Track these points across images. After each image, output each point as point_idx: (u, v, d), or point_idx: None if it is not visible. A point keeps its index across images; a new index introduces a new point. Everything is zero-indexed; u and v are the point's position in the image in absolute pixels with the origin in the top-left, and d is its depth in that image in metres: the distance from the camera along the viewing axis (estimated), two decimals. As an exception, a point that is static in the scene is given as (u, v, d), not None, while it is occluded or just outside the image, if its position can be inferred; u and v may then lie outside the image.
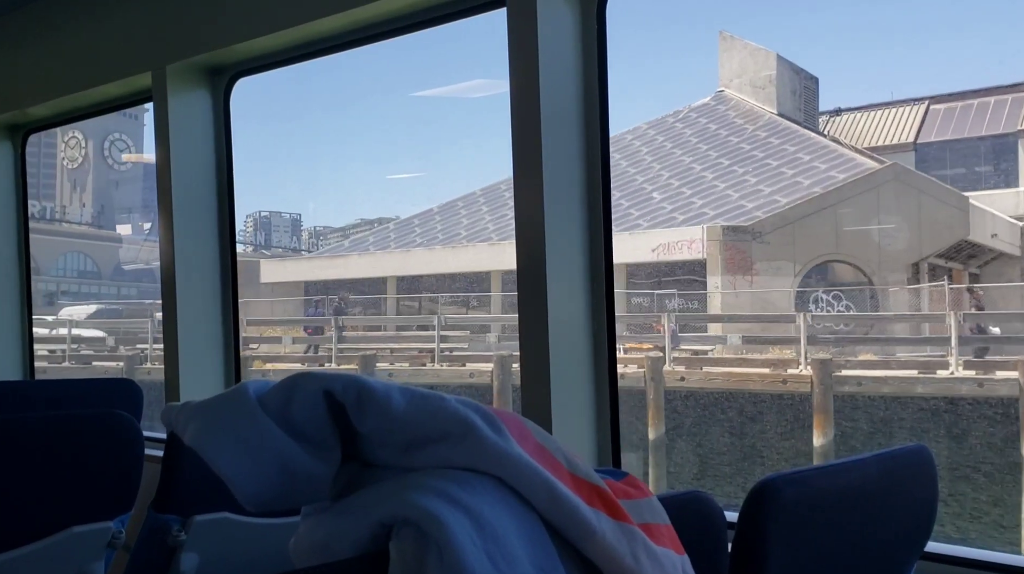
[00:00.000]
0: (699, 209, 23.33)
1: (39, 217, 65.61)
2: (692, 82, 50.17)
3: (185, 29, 3.17)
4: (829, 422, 13.03)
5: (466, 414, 0.97)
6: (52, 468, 2.01)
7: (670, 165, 26.37)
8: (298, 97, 69.32)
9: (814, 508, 1.32)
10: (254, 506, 0.92)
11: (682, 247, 21.39)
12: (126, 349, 20.02)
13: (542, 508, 0.96)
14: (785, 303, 20.84)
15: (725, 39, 29.22)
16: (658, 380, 13.95)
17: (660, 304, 22.33)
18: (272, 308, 25.94)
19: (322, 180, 71.31)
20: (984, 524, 11.73)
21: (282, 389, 0.95)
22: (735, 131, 26.87)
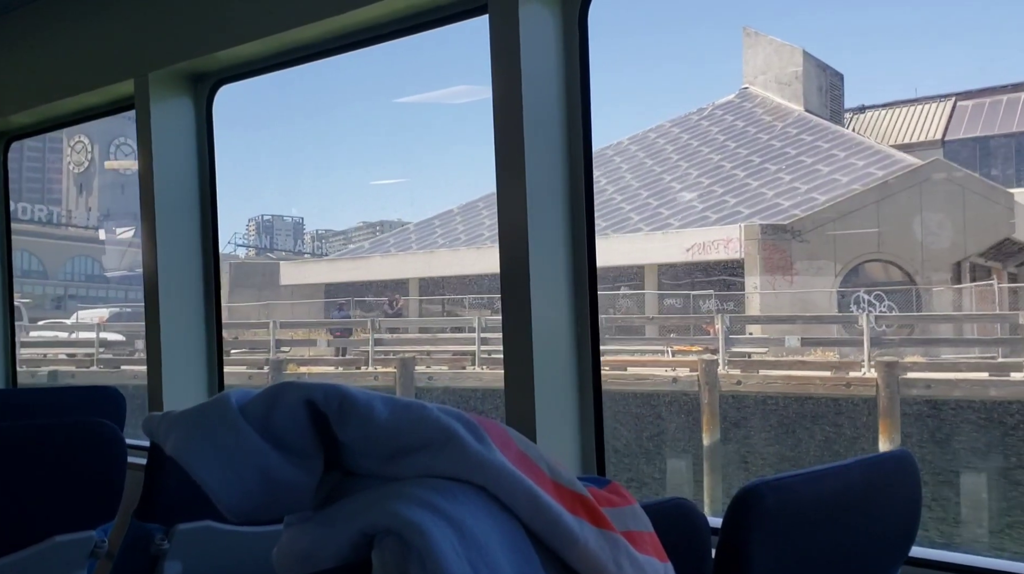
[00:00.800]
0: (733, 208, 22.63)
1: (46, 221, 64.83)
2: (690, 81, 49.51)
3: (167, 36, 3.19)
4: (895, 427, 12.29)
5: (448, 423, 0.96)
6: (34, 477, 2.01)
7: (698, 163, 25.68)
8: (281, 103, 68.93)
9: (798, 514, 1.32)
10: (236, 516, 0.91)
11: (718, 246, 20.69)
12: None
13: (525, 516, 0.96)
14: (826, 304, 20.10)
15: (749, 35, 28.48)
16: (712, 384, 13.26)
17: (694, 305, 21.55)
18: (293, 310, 25.23)
19: (304, 186, 70.92)
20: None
21: (264, 399, 0.95)
22: (764, 128, 26.16)
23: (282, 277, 26.06)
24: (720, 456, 13.43)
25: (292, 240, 75.77)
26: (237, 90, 3.33)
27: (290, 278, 26.20)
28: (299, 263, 31.06)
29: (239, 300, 25.90)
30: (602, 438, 2.40)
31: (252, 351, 19.10)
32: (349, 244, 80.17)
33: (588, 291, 2.37)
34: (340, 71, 71.50)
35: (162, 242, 3.25)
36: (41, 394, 3.31)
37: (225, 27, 3.03)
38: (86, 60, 3.54)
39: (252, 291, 25.57)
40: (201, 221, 3.35)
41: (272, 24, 2.86)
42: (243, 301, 25.65)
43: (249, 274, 26.88)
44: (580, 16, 2.38)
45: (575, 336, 2.37)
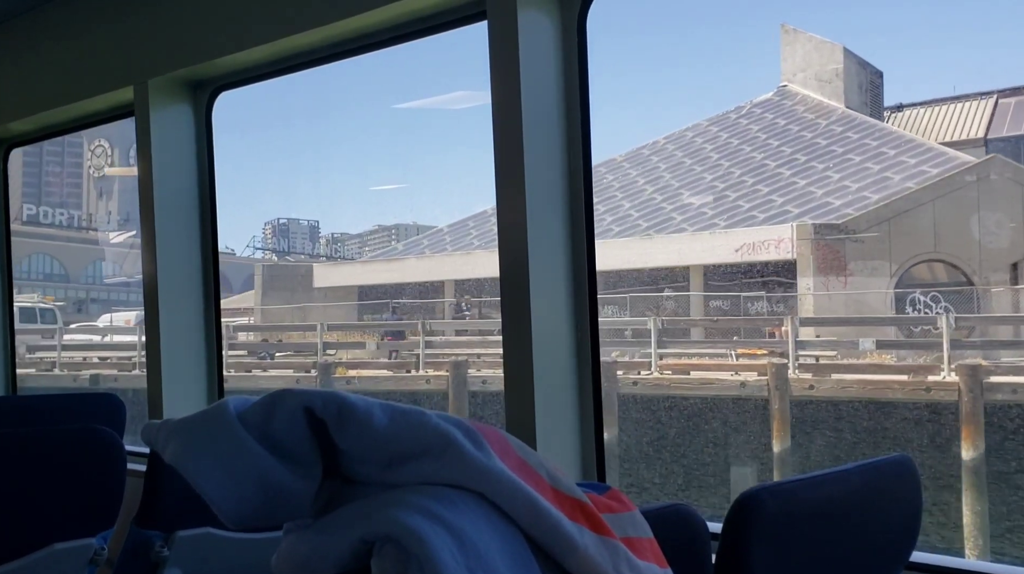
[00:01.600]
0: (780, 207, 22.03)
1: (67, 225, 64.72)
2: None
3: (167, 43, 3.22)
4: (979, 433, 11.64)
5: (447, 430, 0.97)
6: (34, 484, 2.01)
7: (740, 162, 25.11)
8: (281, 108, 69.38)
9: (798, 519, 1.33)
10: (235, 524, 0.92)
11: (769, 247, 20.09)
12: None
13: (524, 523, 0.97)
14: (881, 305, 19.42)
15: (787, 32, 27.87)
16: (783, 389, 12.68)
17: (742, 307, 20.93)
18: (326, 313, 24.79)
19: (304, 190, 71.56)
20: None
21: (262, 406, 0.95)
22: (806, 126, 25.54)
23: (315, 279, 25.59)
24: (790, 464, 12.80)
25: (309, 243, 75.40)
26: (246, 96, 3.43)
27: (323, 280, 25.78)
28: (332, 265, 30.61)
29: (272, 303, 25.44)
30: (602, 444, 2.39)
31: (297, 354, 18.54)
32: (364, 247, 79.69)
33: (588, 295, 2.38)
34: (340, 77, 71.66)
35: (162, 248, 3.25)
36: (41, 401, 3.32)
37: (224, 34, 3.03)
38: (86, 67, 3.55)
39: (285, 294, 25.12)
40: (201, 227, 3.35)
41: (271, 31, 2.87)
42: (276, 303, 25.15)
43: (282, 276, 26.46)
44: (579, 21, 2.39)
45: (575, 341, 2.37)
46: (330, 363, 17.09)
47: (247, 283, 63.44)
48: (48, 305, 27.20)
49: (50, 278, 58.78)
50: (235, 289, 61.46)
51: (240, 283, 65.28)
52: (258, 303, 25.23)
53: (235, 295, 50.68)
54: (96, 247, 58.22)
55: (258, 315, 24.87)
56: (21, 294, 42.30)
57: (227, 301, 46.32)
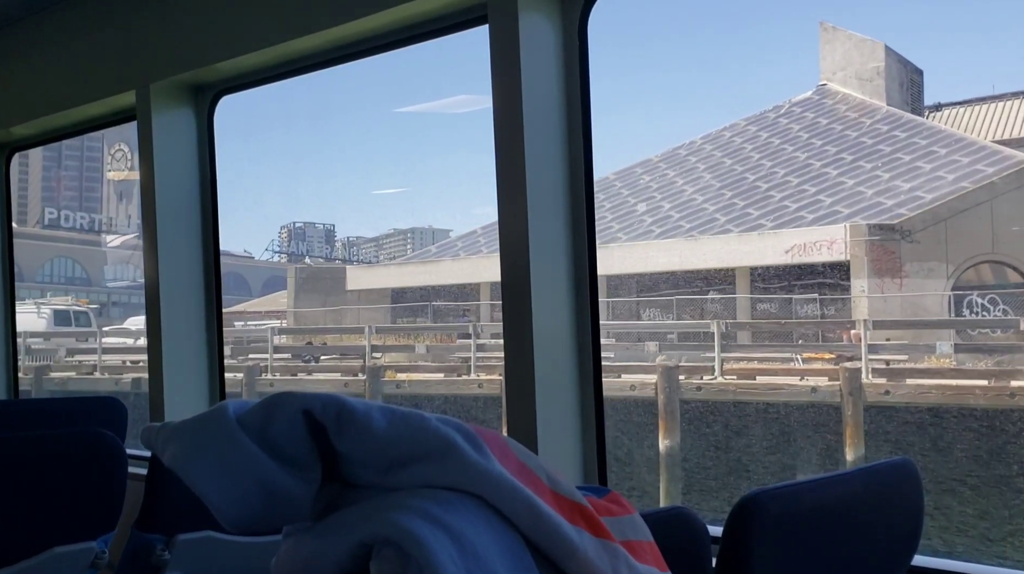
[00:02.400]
0: (829, 207, 21.46)
1: (87, 229, 64.54)
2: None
3: (168, 48, 3.22)
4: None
5: (447, 433, 0.97)
6: (35, 488, 2.04)
7: (783, 162, 24.53)
8: (287, 112, 70.07)
9: (799, 523, 1.34)
10: (235, 527, 0.92)
11: (821, 248, 19.49)
12: (239, 359, 18.53)
13: (523, 527, 0.96)
14: (938, 308, 18.76)
15: (827, 30, 27.30)
16: (857, 394, 12.06)
17: (792, 310, 20.34)
18: (360, 315, 24.36)
19: (306, 194, 72.38)
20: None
21: (262, 409, 0.95)
22: (850, 125, 24.94)
23: (348, 282, 25.14)
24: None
25: (324, 246, 75.21)
26: (249, 100, 3.46)
27: (357, 283, 25.33)
28: (366, 268, 30.17)
29: (305, 305, 25.00)
30: (603, 447, 2.39)
31: (343, 357, 18.07)
32: (380, 251, 79.76)
33: (589, 299, 2.39)
34: (342, 81, 72.36)
35: (164, 252, 3.28)
36: (43, 404, 3.35)
37: (226, 38, 3.06)
38: (88, 72, 3.58)
39: (318, 296, 24.72)
40: (202, 230, 3.37)
41: (273, 35, 2.89)
42: (309, 306, 24.72)
43: (315, 279, 26.04)
44: (580, 25, 2.41)
45: (576, 345, 2.38)
46: (379, 367, 16.55)
47: (267, 286, 63.16)
48: (82, 308, 26.99)
49: (72, 281, 58.69)
50: (255, 292, 61.04)
51: (260, 286, 64.84)
52: (291, 306, 24.79)
53: (255, 298, 50.27)
54: (116, 250, 58.13)
55: (291, 318, 24.45)
56: (44, 298, 41.95)
57: (247, 304, 45.83)
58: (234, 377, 17.73)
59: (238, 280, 63.74)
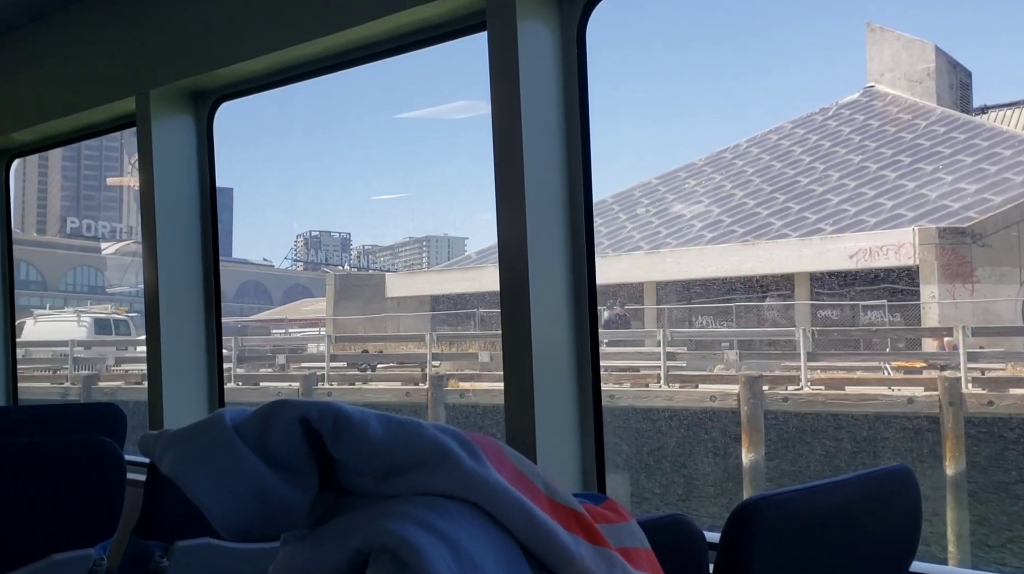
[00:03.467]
0: (891, 211, 20.72)
1: (109, 237, 64.34)
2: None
3: (168, 54, 3.25)
4: None
5: (443, 441, 0.97)
6: (33, 494, 2.07)
7: (836, 165, 23.89)
8: (283, 119, 70.80)
9: (796, 530, 1.35)
10: (232, 535, 0.93)
11: (887, 252, 18.72)
12: (295, 367, 17.93)
13: (520, 534, 0.97)
14: (1011, 314, 17.97)
15: (874, 31, 26.63)
16: (957, 405, 11.28)
17: (853, 316, 19.62)
18: (399, 323, 23.73)
19: (304, 199, 73.54)
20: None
21: (259, 417, 0.96)
22: (904, 127, 24.22)
23: (388, 289, 24.51)
24: (967, 487, 11.41)
25: (340, 254, 75.15)
26: (236, 107, 3.45)
27: (396, 290, 24.71)
28: (406, 274, 29.53)
29: (344, 313, 24.37)
30: (602, 454, 2.39)
31: (400, 365, 17.40)
32: (396, 259, 79.34)
33: (588, 307, 2.39)
34: (341, 88, 73.13)
35: (163, 258, 3.28)
36: (41, 411, 3.29)
37: (226, 45, 3.07)
38: (88, 78, 3.61)
39: (358, 303, 24.10)
40: (202, 237, 3.38)
41: (273, 42, 2.90)
42: (348, 313, 24.09)
43: (354, 286, 25.46)
44: (579, 32, 2.41)
45: (575, 352, 2.38)
46: (441, 376, 15.83)
47: (288, 294, 62.61)
48: (122, 316, 26.56)
49: (94, 290, 58.30)
50: (275, 301, 60.45)
51: (280, 294, 64.26)
52: (330, 313, 24.18)
53: (276, 306, 49.59)
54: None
55: (330, 325, 23.84)
56: (65, 306, 41.41)
57: (270, 312, 45.10)
58: (289, 386, 17.13)
59: (258, 288, 63.34)
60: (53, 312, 29.01)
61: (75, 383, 20.03)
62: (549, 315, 2.31)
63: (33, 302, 48.35)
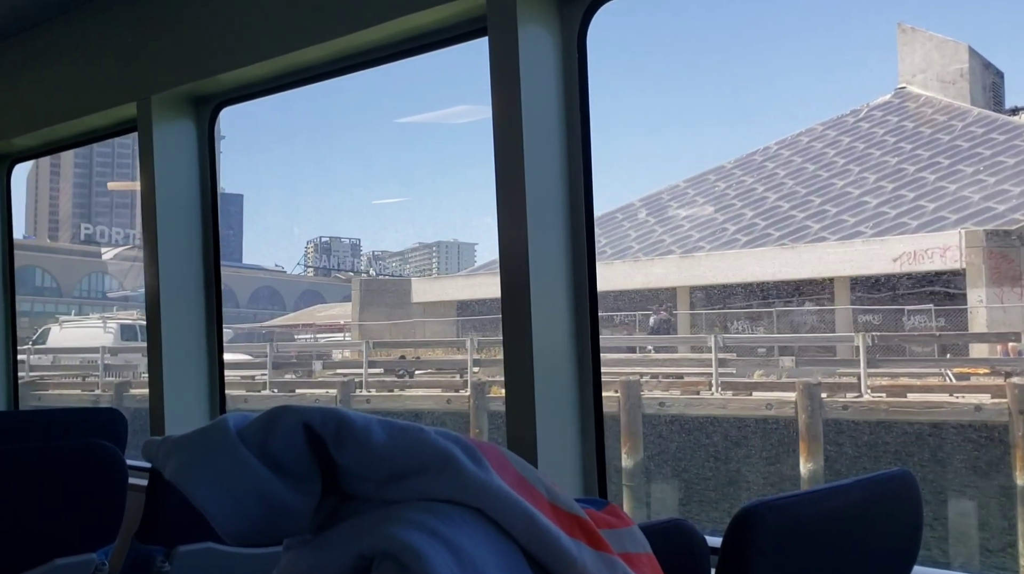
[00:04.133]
0: (933, 213, 20.19)
1: (122, 243, 64.27)
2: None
3: (169, 60, 3.27)
4: None
5: (446, 446, 0.98)
6: (35, 499, 2.08)
7: (872, 167, 23.44)
8: (285, 123, 71.51)
9: (797, 534, 1.36)
10: (235, 540, 0.94)
11: (933, 255, 18.19)
12: (330, 374, 17.52)
13: (522, 539, 0.97)
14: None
15: (905, 32, 26.17)
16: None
17: (896, 321, 19.14)
18: (425, 329, 23.33)
19: (305, 205, 74.55)
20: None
21: (262, 423, 0.96)
22: (939, 128, 23.75)
23: (414, 294, 24.08)
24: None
25: (350, 260, 75.02)
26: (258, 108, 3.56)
27: (422, 295, 24.30)
28: (432, 279, 29.10)
29: (370, 318, 23.97)
30: (603, 459, 2.38)
31: (439, 371, 16.98)
32: (406, 265, 78.96)
33: (589, 311, 2.39)
34: (342, 92, 73.92)
35: (164, 263, 3.28)
36: (43, 416, 3.40)
37: (227, 50, 3.08)
38: (89, 83, 3.61)
39: (383, 309, 23.69)
40: (203, 242, 3.37)
41: (274, 47, 2.91)
42: (374, 319, 23.70)
43: (379, 291, 25.06)
44: (579, 36, 2.43)
45: (576, 357, 2.38)
46: (483, 382, 15.39)
47: (300, 300, 62.23)
48: None
49: (106, 296, 58.14)
50: (288, 306, 60.09)
51: (293, 300, 63.88)
52: (355, 319, 23.77)
53: (289, 312, 49.23)
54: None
55: (356, 331, 23.42)
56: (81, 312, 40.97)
57: (283, 319, 44.64)
58: (326, 393, 16.73)
59: (272, 294, 63.12)
60: (78, 318, 28.71)
61: (107, 390, 19.74)
62: (550, 319, 2.33)
63: (48, 308, 48.10)
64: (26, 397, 18.83)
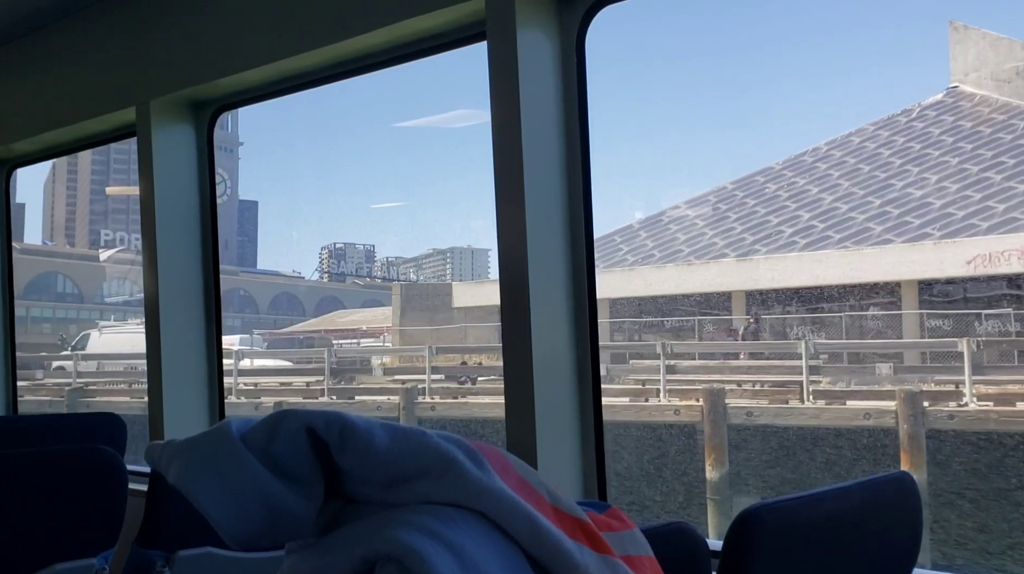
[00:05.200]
0: (1004, 214, 19.36)
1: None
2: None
3: (168, 64, 3.30)
4: None
5: (448, 449, 0.99)
6: (35, 504, 2.09)
7: (932, 167, 22.62)
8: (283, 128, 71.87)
9: (798, 537, 1.38)
10: (238, 544, 0.94)
11: (1010, 257, 17.39)
12: (388, 380, 16.84)
13: (524, 542, 0.98)
14: None
15: (957, 30, 25.32)
16: None
17: (965, 327, 18.34)
18: (467, 334, 22.79)
19: (305, 211, 75.29)
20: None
21: (265, 426, 0.97)
22: (999, 127, 23.03)
23: (455, 298, 23.50)
24: None
25: (364, 266, 75.12)
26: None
27: (464, 299, 23.70)
28: (475, 283, 28.50)
29: (410, 323, 23.34)
30: (603, 462, 2.38)
31: (500, 378, 16.23)
32: (420, 270, 78.58)
33: (588, 315, 2.40)
34: (341, 97, 74.83)
35: (163, 268, 3.28)
36: (42, 421, 3.24)
37: (226, 55, 3.10)
38: (88, 88, 3.63)
39: (426, 314, 23.05)
40: (202, 246, 3.37)
41: (273, 52, 2.94)
42: (414, 324, 23.07)
43: (421, 296, 24.40)
44: (578, 41, 2.45)
45: (575, 361, 2.39)
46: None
47: (320, 306, 61.73)
48: None
49: (129, 303, 58.03)
50: (308, 312, 59.57)
51: (312, 306, 63.39)
52: (396, 324, 23.10)
53: (312, 318, 48.67)
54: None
55: (397, 336, 22.77)
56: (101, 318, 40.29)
57: (304, 324, 44.02)
58: (388, 399, 16.06)
59: (291, 300, 62.78)
60: (118, 323, 28.25)
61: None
62: (549, 324, 2.34)
63: (70, 314, 47.66)
64: (75, 405, 18.26)
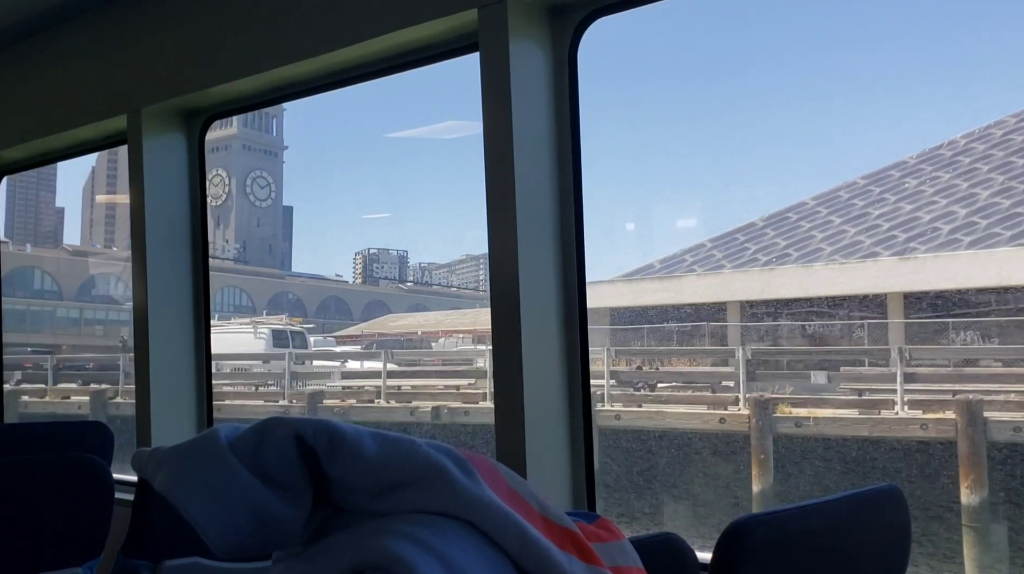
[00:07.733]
0: None
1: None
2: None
3: (160, 73, 3.32)
4: None
5: (437, 458, 1.00)
6: (20, 513, 2.08)
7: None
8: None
9: (786, 549, 1.38)
10: (225, 553, 0.95)
11: None
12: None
13: (514, 552, 0.99)
14: None
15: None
16: None
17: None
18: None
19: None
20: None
21: (253, 434, 0.98)
22: None
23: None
24: None
25: (398, 271, 73.97)
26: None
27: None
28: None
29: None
30: (592, 473, 2.40)
31: (686, 385, 14.47)
32: (453, 276, 76.57)
33: (579, 326, 2.42)
34: (331, 106, 74.55)
35: (153, 275, 3.26)
36: (28, 429, 3.31)
37: (218, 63, 3.12)
38: (80, 96, 3.64)
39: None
40: (192, 254, 3.37)
41: (264, 60, 2.95)
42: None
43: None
44: (570, 53, 2.49)
45: (566, 372, 2.40)
46: (767, 400, 12.70)
47: (368, 310, 60.07)
48: (297, 328, 24.55)
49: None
50: (355, 316, 58.15)
51: (360, 310, 61.86)
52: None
53: (362, 323, 47.60)
54: (221, 275, 56.89)
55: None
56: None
57: (355, 328, 42.45)
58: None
59: (339, 304, 61.68)
60: (221, 323, 27.17)
61: (297, 401, 17.84)
62: (540, 334, 2.35)
63: (122, 316, 46.62)
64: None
